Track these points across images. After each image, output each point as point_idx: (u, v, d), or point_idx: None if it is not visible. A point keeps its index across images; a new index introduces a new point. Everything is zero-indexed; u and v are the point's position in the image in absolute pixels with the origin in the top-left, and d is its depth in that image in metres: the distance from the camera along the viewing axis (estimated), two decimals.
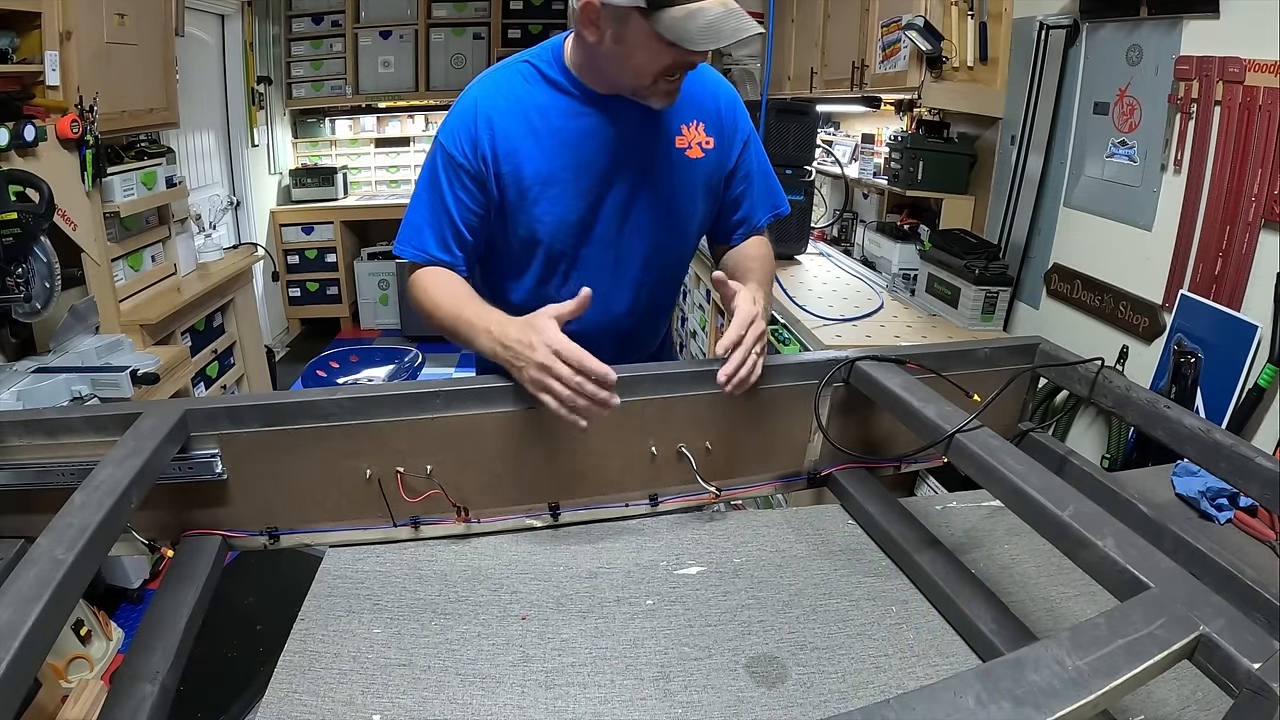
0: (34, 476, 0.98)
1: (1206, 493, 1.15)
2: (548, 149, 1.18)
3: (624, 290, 1.30)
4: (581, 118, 1.19)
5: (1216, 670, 0.60)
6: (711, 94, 1.27)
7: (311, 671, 0.86)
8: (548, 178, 1.19)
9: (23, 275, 2.05)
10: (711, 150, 1.27)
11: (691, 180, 1.27)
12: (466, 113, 1.19)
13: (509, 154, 1.17)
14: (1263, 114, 1.64)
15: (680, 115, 1.23)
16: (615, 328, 1.32)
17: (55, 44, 2.29)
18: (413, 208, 1.23)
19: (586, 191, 1.21)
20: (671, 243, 1.31)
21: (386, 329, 5.26)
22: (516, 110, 1.18)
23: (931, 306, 2.63)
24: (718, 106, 1.27)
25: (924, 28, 2.45)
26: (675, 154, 1.24)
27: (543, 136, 1.18)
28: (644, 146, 1.22)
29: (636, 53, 1.08)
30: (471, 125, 1.17)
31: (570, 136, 1.19)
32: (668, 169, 1.24)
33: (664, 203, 1.26)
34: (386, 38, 5.07)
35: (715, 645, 0.91)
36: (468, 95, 1.21)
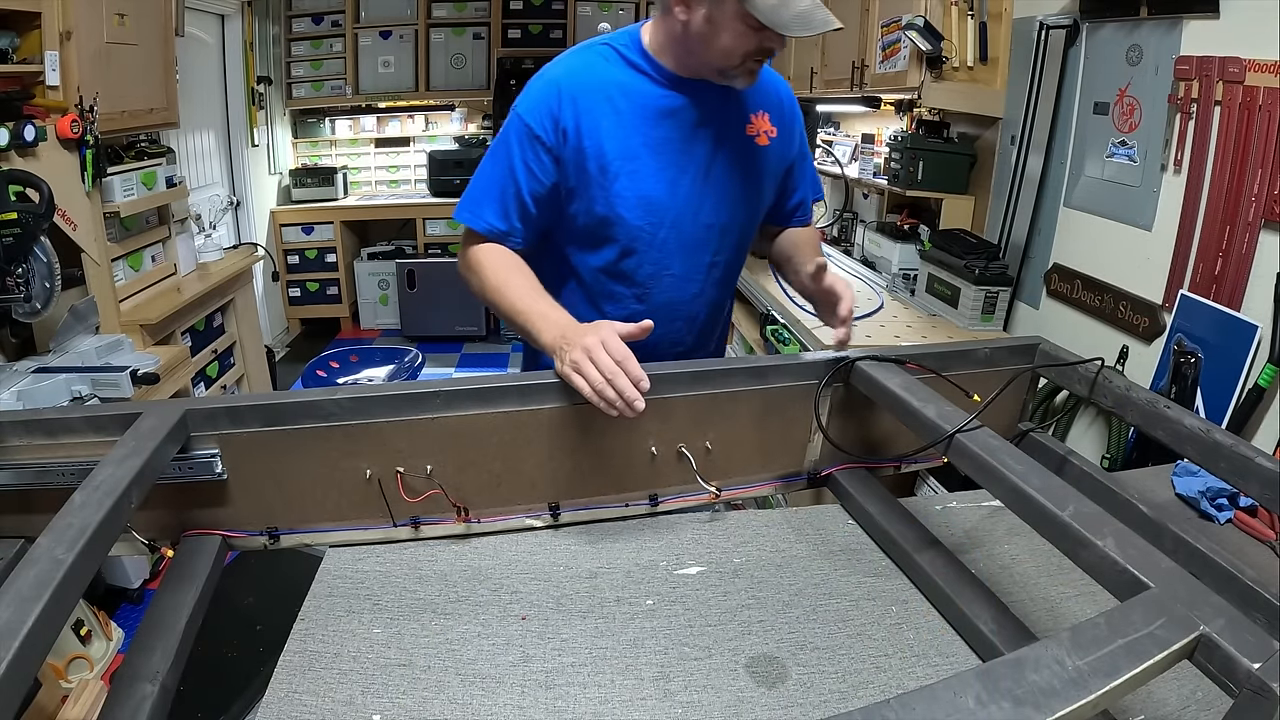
0: (34, 476, 0.98)
1: (1206, 493, 1.15)
2: (629, 126, 1.22)
3: (696, 270, 1.34)
4: (661, 99, 1.23)
5: (1216, 670, 0.60)
6: (774, 87, 1.35)
7: (311, 671, 0.86)
8: (628, 154, 1.22)
9: (23, 275, 2.05)
10: (775, 140, 1.33)
11: (759, 166, 1.33)
12: (549, 89, 1.22)
13: (591, 130, 1.21)
14: (1263, 114, 1.65)
15: (750, 104, 1.30)
16: (686, 308, 1.36)
17: (55, 44, 2.29)
18: (478, 176, 1.27)
19: (664, 169, 1.25)
20: (740, 225, 1.36)
21: (386, 329, 5.27)
22: (598, 89, 1.22)
23: (931, 306, 2.63)
24: (780, 99, 1.35)
25: (924, 28, 2.45)
26: (746, 140, 1.30)
27: (624, 114, 1.22)
28: (719, 130, 1.27)
29: (725, 34, 1.13)
30: (554, 101, 1.20)
31: (650, 115, 1.23)
32: (740, 153, 1.29)
33: (736, 186, 1.31)
34: (386, 38, 5.07)
35: (715, 645, 0.91)
36: (549, 73, 1.25)
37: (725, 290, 1.43)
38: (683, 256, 1.31)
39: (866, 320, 2.56)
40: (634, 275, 1.31)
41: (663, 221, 1.28)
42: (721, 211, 1.31)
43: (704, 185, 1.28)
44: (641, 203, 1.25)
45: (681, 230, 1.29)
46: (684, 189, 1.27)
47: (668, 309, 1.33)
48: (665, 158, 1.24)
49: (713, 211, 1.30)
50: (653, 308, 1.31)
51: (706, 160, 1.27)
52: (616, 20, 5.08)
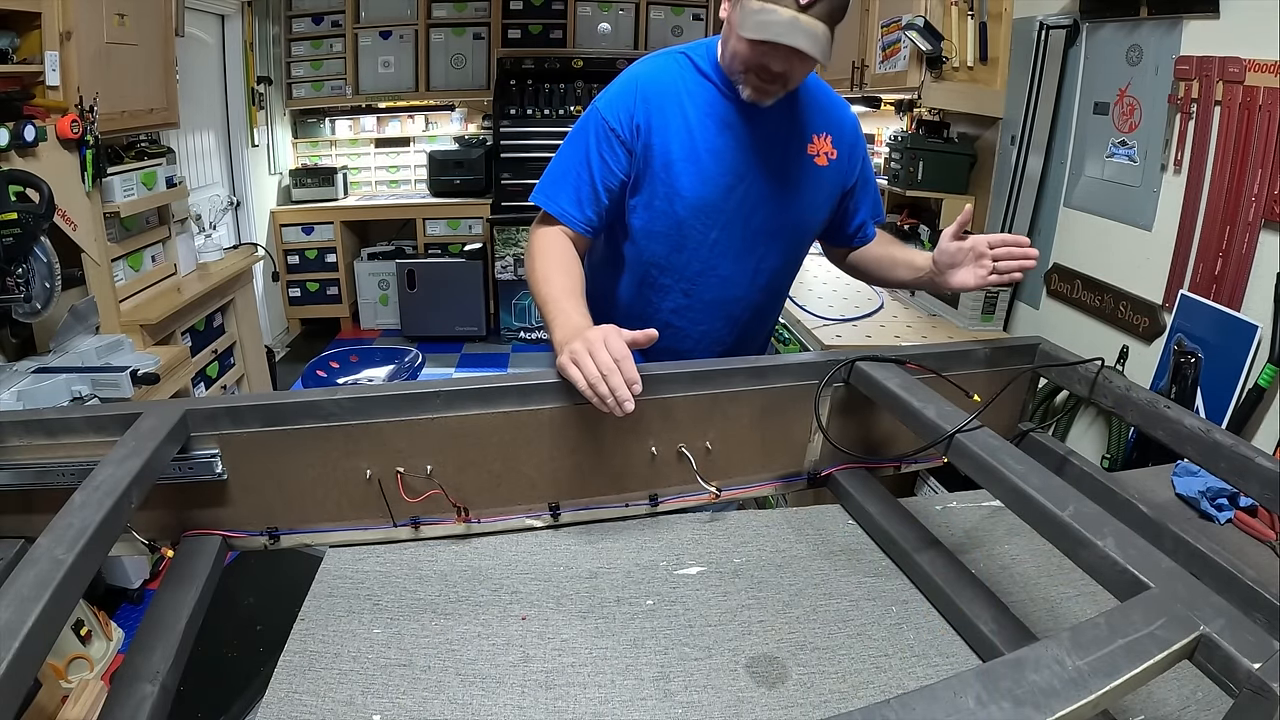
0: (34, 476, 0.98)
1: (1206, 493, 1.15)
2: (694, 130, 1.28)
3: (743, 274, 1.39)
4: (726, 110, 1.29)
5: (1216, 670, 0.60)
6: (839, 113, 1.39)
7: (312, 671, 0.86)
8: (690, 155, 1.29)
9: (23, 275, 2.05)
10: (835, 161, 1.37)
11: (816, 186, 1.37)
12: (628, 87, 1.30)
13: (660, 128, 1.28)
14: (1263, 114, 1.65)
15: (813, 125, 1.35)
16: (730, 308, 1.42)
17: (55, 44, 2.29)
18: (556, 162, 1.33)
19: (723, 175, 1.30)
20: (791, 236, 1.41)
21: (386, 329, 5.26)
22: (670, 92, 1.29)
23: (931, 306, 2.63)
24: (844, 125, 1.39)
25: (924, 28, 2.45)
26: (805, 159, 1.35)
27: (691, 119, 1.28)
28: (778, 146, 1.32)
29: (731, 35, 1.19)
30: (631, 98, 1.28)
31: (715, 123, 1.29)
32: (798, 171, 1.34)
33: (790, 201, 1.36)
34: (386, 38, 5.06)
35: (715, 645, 0.91)
36: (629, 74, 1.33)
37: (771, 296, 1.48)
38: (731, 259, 1.37)
39: (866, 320, 2.56)
40: (683, 271, 1.38)
41: (715, 223, 1.33)
42: (773, 221, 1.36)
43: (759, 195, 1.33)
44: (698, 202, 1.31)
45: (732, 234, 1.35)
46: (739, 195, 1.32)
47: (712, 306, 1.41)
48: (724, 164, 1.30)
49: (765, 220, 1.35)
50: (697, 303, 1.40)
51: (764, 172, 1.32)
52: (616, 20, 5.07)
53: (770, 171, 1.33)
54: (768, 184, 1.33)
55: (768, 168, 1.33)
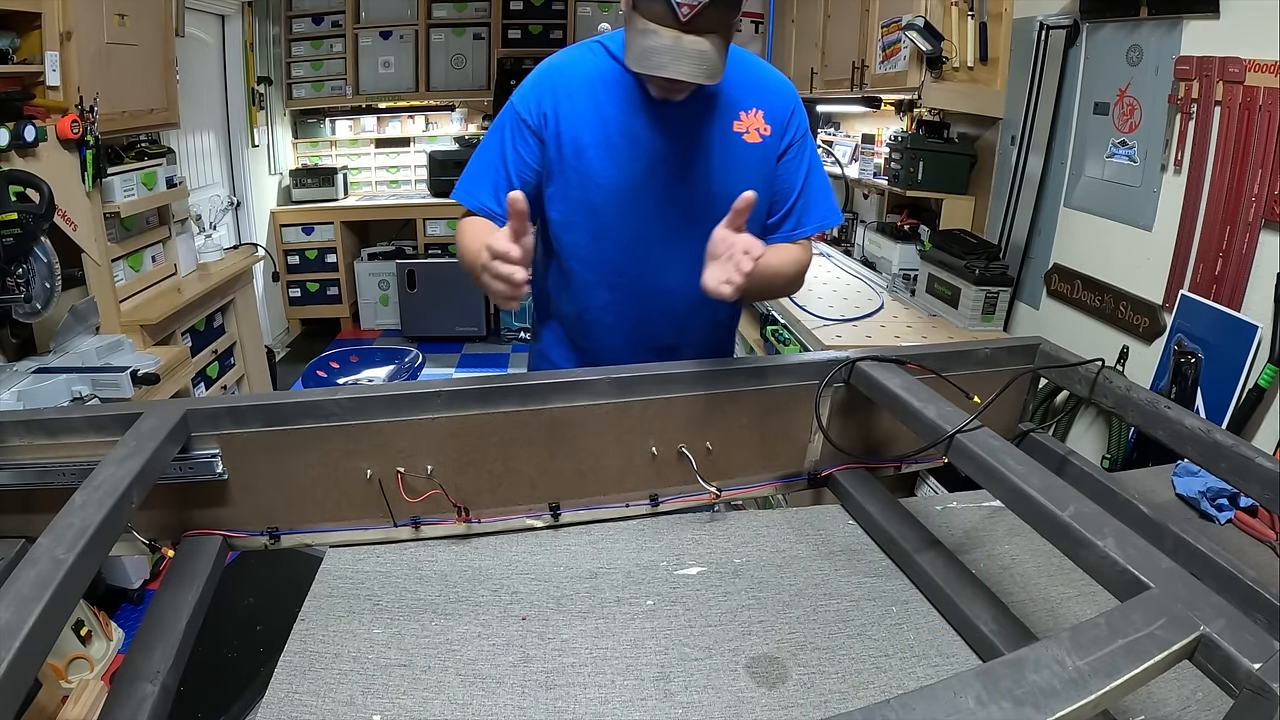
0: (35, 476, 0.98)
1: (1207, 493, 1.15)
2: (606, 116, 1.25)
3: (674, 262, 1.30)
4: (640, 94, 1.24)
5: (1217, 670, 0.60)
6: (775, 88, 1.31)
7: (312, 672, 0.86)
8: (603, 140, 1.25)
9: (23, 275, 2.05)
10: (769, 138, 1.29)
11: (746, 163, 1.29)
12: (537, 77, 1.29)
13: (570, 115, 1.25)
14: (1263, 114, 1.65)
15: (740, 101, 1.27)
16: (664, 300, 1.34)
17: (55, 44, 2.29)
18: (474, 159, 1.32)
19: (639, 158, 1.25)
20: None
21: (386, 329, 5.26)
22: (583, 79, 1.26)
23: (932, 307, 2.63)
24: (778, 98, 1.30)
25: (924, 28, 2.45)
26: (732, 137, 1.27)
27: (603, 105, 1.25)
28: (699, 125, 1.26)
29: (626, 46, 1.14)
30: (540, 87, 1.27)
31: (628, 107, 1.24)
32: (723, 150, 1.27)
33: (719, 182, 1.28)
34: (386, 38, 5.06)
35: (715, 646, 0.91)
36: (542, 68, 1.31)
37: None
38: (657, 246, 1.30)
39: (867, 320, 2.56)
40: (606, 262, 1.32)
41: (635, 210, 1.28)
42: (701, 205, 1.26)
43: (682, 177, 1.27)
44: (613, 188, 1.27)
45: (655, 220, 1.29)
46: (659, 179, 1.27)
47: (642, 299, 1.34)
48: (641, 147, 1.25)
49: (691, 204, 1.27)
50: (626, 296, 1.34)
51: (686, 153, 1.26)
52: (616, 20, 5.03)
53: (693, 152, 1.26)
54: (691, 165, 1.27)
55: (690, 148, 1.26)
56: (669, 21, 1.05)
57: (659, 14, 1.05)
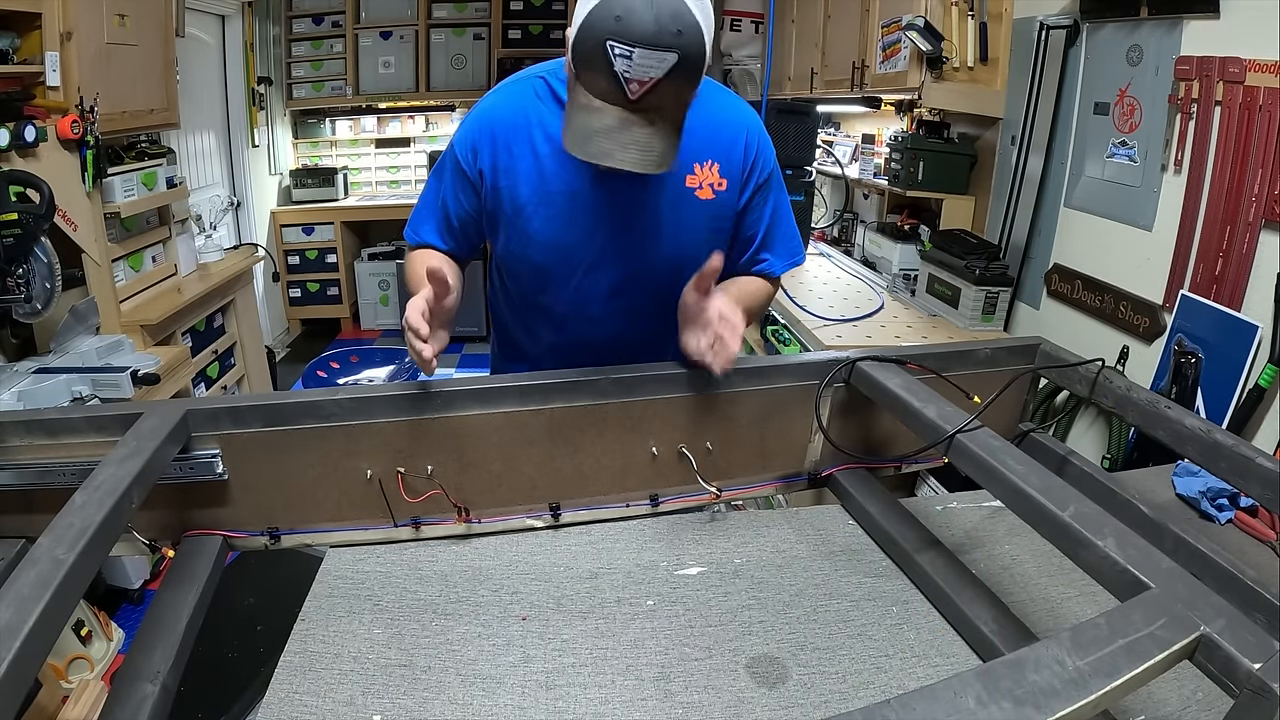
0: (35, 476, 0.98)
1: (1207, 493, 1.15)
2: (547, 171, 1.16)
3: (614, 316, 1.26)
4: None
5: (1217, 670, 0.60)
6: (731, 136, 1.20)
7: (312, 672, 0.86)
8: (542, 198, 1.17)
9: (23, 276, 2.05)
10: (723, 192, 1.20)
11: (697, 220, 1.21)
12: (478, 122, 1.19)
13: (508, 169, 1.17)
14: (1263, 114, 1.65)
15: (693, 153, 1.17)
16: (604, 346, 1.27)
17: (56, 44, 2.29)
18: (422, 196, 1.28)
19: (580, 217, 1.18)
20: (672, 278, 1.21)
21: (387, 329, 5.26)
22: (523, 128, 1.16)
23: (932, 307, 2.63)
24: (735, 148, 1.20)
25: (924, 28, 2.45)
26: (684, 193, 1.18)
27: (544, 158, 1.16)
28: (647, 181, 1.14)
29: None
30: (477, 136, 1.18)
31: (570, 161, 1.12)
32: (673, 206, 1.19)
33: (667, 240, 1.21)
34: (387, 38, 5.06)
35: (716, 646, 0.91)
36: (483, 105, 1.21)
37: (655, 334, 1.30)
38: (601, 302, 1.24)
39: (867, 321, 2.56)
40: (551, 310, 1.28)
41: (577, 268, 1.22)
42: (647, 264, 1.21)
43: (627, 236, 1.19)
44: (554, 248, 1.20)
45: (598, 278, 1.22)
46: (601, 238, 1.19)
47: (585, 347, 1.27)
48: (581, 205, 1.17)
49: (636, 263, 1.21)
50: (571, 341, 1.29)
51: (632, 210, 1.18)
52: None
53: (639, 210, 1.17)
54: (638, 224, 1.18)
55: (636, 206, 1.17)
56: (616, 99, 0.94)
57: (604, 90, 0.94)
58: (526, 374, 1.11)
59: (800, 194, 3.34)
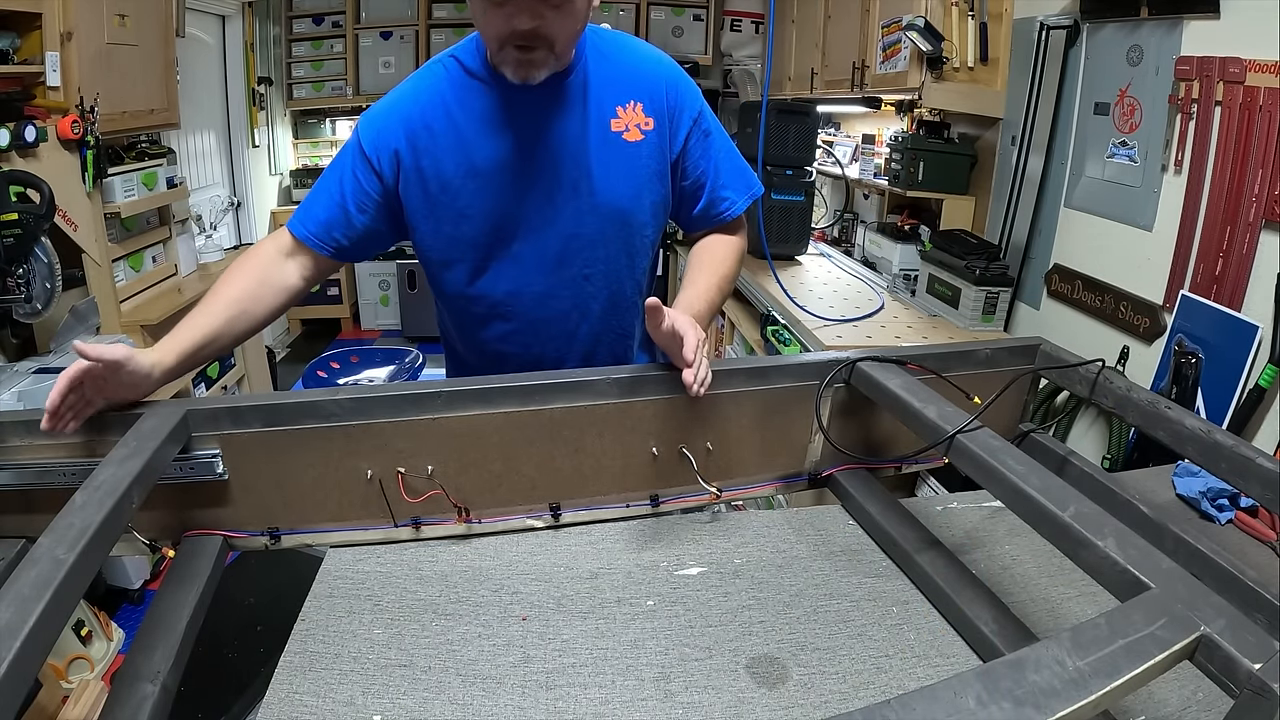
0: (35, 476, 0.98)
1: (1207, 493, 1.15)
2: (470, 143, 1.15)
3: (563, 285, 1.23)
4: (502, 108, 1.14)
5: (1217, 671, 0.60)
6: (650, 72, 1.19)
7: (312, 672, 0.86)
8: (468, 170, 1.15)
9: (23, 276, 2.06)
10: (651, 132, 1.18)
11: (631, 164, 1.18)
12: (388, 110, 1.18)
13: (428, 149, 1.15)
14: (1263, 114, 1.65)
15: (614, 96, 1.17)
16: (558, 325, 1.25)
17: (56, 45, 2.30)
18: (314, 188, 1.21)
19: (512, 183, 1.16)
20: (616, 232, 1.22)
21: (387, 330, 5.27)
22: (436, 105, 1.16)
23: (932, 307, 2.63)
24: (656, 84, 1.19)
25: (924, 28, 2.45)
26: (611, 137, 1.17)
27: (463, 129, 1.15)
28: (571, 132, 1.15)
29: (476, 13, 1.05)
30: (386, 122, 1.17)
31: (491, 126, 1.14)
32: (602, 154, 1.17)
33: (601, 190, 1.18)
34: (387, 38, 5.06)
35: (716, 646, 0.91)
36: (391, 94, 1.21)
37: (613, 299, 1.28)
38: (544, 272, 1.21)
39: (867, 321, 2.56)
40: (490, 295, 1.23)
41: (514, 235, 1.19)
42: (587, 219, 1.19)
43: (559, 194, 1.17)
44: (488, 219, 1.17)
45: (539, 243, 1.19)
46: (535, 200, 1.17)
47: (539, 326, 1.25)
48: (510, 170, 1.15)
49: (574, 221, 1.19)
50: (522, 325, 1.25)
51: (560, 166, 1.16)
52: (616, 21, 5.07)
53: (568, 162, 1.16)
54: (569, 178, 1.16)
55: (565, 160, 1.16)
56: None
57: None
58: (526, 374, 1.11)
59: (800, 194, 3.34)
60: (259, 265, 1.17)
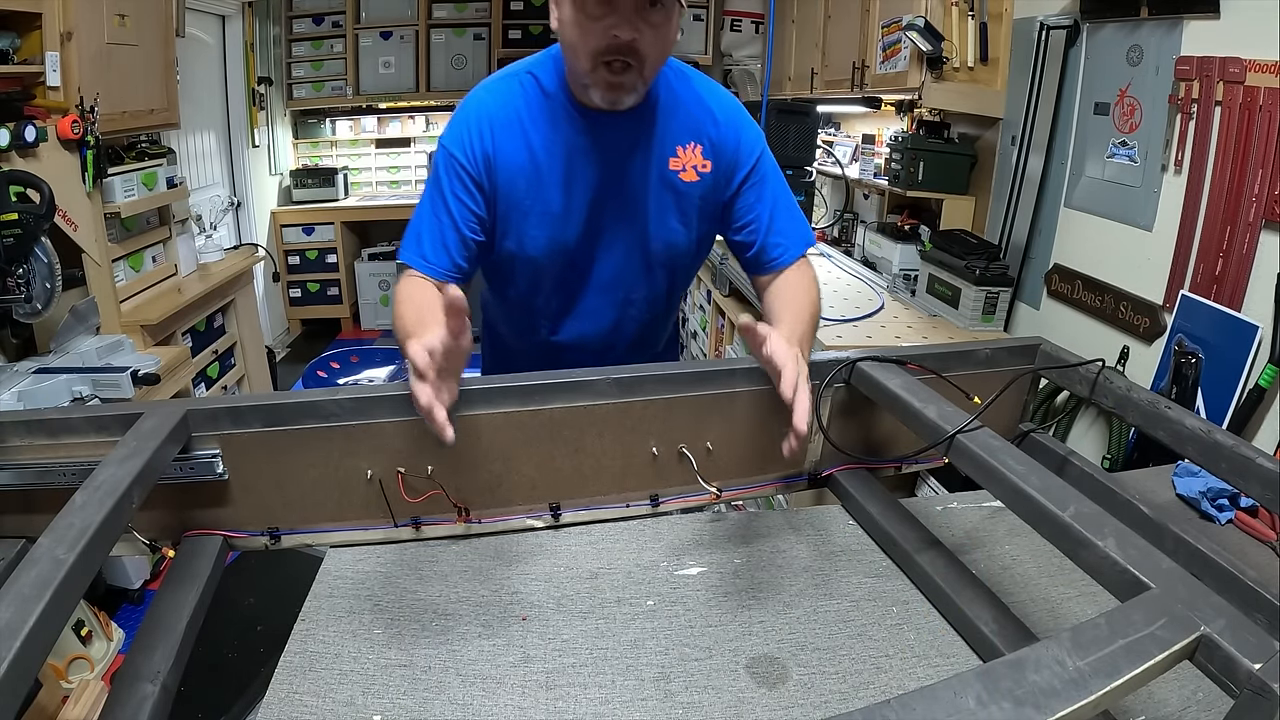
0: (35, 476, 0.98)
1: (1207, 493, 1.15)
2: (540, 162, 1.17)
3: (608, 308, 1.29)
4: (574, 135, 1.17)
5: (1217, 671, 0.60)
6: (713, 117, 1.21)
7: (312, 672, 0.86)
8: (537, 194, 1.18)
9: (23, 276, 2.05)
10: (708, 174, 1.21)
11: (684, 204, 1.22)
12: (470, 119, 1.18)
13: (505, 167, 1.17)
14: (1263, 114, 1.65)
15: (676, 135, 1.19)
16: (600, 341, 1.31)
17: (56, 45, 2.29)
18: (416, 214, 1.21)
19: (573, 212, 1.19)
20: (660, 266, 1.27)
21: (387, 330, 5.26)
22: (515, 124, 1.17)
23: (932, 307, 2.63)
24: (717, 129, 1.21)
25: (924, 28, 2.45)
26: (668, 176, 1.20)
27: (537, 152, 1.17)
28: (634, 168, 1.19)
29: (569, 29, 1.06)
30: (474, 130, 1.17)
31: (562, 153, 1.17)
32: (659, 192, 1.21)
33: (654, 228, 1.23)
34: (387, 38, 5.06)
35: (716, 646, 0.91)
36: (471, 102, 1.20)
37: (651, 328, 1.36)
38: (594, 295, 1.27)
39: (867, 321, 2.56)
40: (544, 310, 1.29)
41: (571, 262, 1.24)
42: (636, 252, 1.24)
43: (616, 225, 1.22)
44: (549, 243, 1.21)
45: (591, 270, 1.25)
46: (594, 230, 1.21)
47: (580, 343, 1.30)
48: (576, 198, 1.19)
49: (626, 252, 1.24)
50: (566, 340, 1.30)
51: (619, 200, 1.20)
52: None
53: (626, 198, 1.20)
54: (626, 213, 1.21)
55: (625, 195, 1.20)
56: None
57: None
58: (526, 374, 1.11)
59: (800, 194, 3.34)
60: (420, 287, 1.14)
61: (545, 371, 1.13)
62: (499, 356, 1.46)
